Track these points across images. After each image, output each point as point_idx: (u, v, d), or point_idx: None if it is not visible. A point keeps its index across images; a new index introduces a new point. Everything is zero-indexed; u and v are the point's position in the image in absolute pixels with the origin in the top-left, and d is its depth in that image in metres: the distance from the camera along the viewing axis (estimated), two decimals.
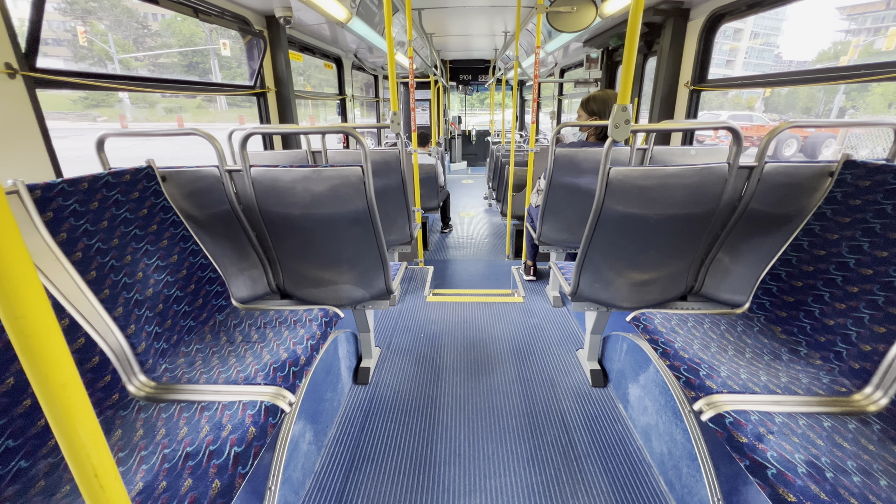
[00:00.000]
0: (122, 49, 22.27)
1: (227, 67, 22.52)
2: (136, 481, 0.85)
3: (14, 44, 1.23)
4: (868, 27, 52.36)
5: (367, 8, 3.25)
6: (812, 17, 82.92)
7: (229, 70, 22.83)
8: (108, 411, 1.05)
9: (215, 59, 20.33)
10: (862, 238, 1.17)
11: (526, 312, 2.63)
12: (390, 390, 1.91)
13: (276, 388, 1.11)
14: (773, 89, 2.50)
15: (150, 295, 1.26)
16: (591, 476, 1.45)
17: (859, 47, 42.39)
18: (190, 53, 23.03)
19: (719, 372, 1.13)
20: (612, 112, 1.23)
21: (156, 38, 26.02)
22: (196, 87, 2.26)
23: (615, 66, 4.04)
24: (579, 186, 2.15)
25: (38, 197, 1.03)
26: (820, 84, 1.84)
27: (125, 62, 21.07)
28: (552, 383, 1.93)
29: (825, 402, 1.06)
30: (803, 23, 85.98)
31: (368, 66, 5.28)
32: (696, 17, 2.42)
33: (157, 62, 22.49)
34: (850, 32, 51.10)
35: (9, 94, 1.23)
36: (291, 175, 1.41)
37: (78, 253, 1.09)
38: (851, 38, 48.78)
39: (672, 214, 1.41)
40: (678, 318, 1.43)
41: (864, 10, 50.13)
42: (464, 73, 9.16)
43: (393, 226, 2.51)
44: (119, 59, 20.08)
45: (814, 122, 1.33)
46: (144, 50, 23.86)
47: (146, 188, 1.33)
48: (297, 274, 1.72)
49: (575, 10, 2.79)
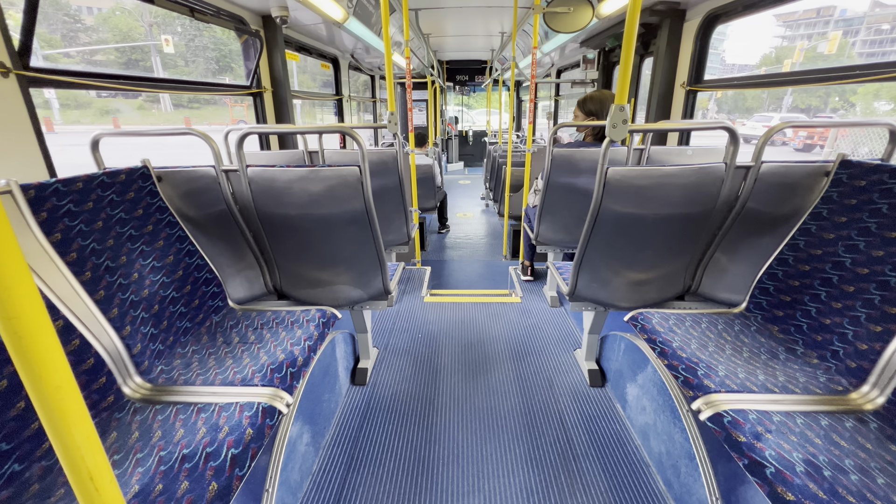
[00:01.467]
0: (49, 44, 20.96)
1: (171, 66, 21.33)
2: (132, 484, 0.84)
3: (7, 43, 1.21)
4: (801, 33, 63.03)
5: (363, 8, 3.25)
6: (752, 23, 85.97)
7: (175, 69, 21.62)
8: (103, 413, 1.04)
9: (157, 55, 19.19)
10: (858, 237, 1.18)
11: (523, 313, 2.63)
12: (388, 391, 1.90)
13: (274, 390, 1.10)
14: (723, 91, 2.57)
15: (145, 296, 1.24)
16: (590, 476, 1.45)
17: (804, 50, 46.03)
18: (128, 50, 21.86)
19: (717, 371, 1.13)
20: (610, 112, 1.23)
21: (91, 32, 24.93)
22: (192, 87, 2.24)
23: (612, 66, 4.06)
24: (576, 186, 2.16)
25: (32, 197, 1.02)
26: (815, 84, 1.85)
27: (52, 58, 19.78)
28: (550, 383, 1.93)
29: (822, 400, 1.06)
30: (745, 29, 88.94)
31: (365, 67, 5.27)
32: (692, 18, 2.43)
33: (92, 59, 21.41)
34: (786, 38, 59.41)
35: (2, 94, 1.21)
36: (288, 175, 1.40)
37: (72, 253, 1.08)
38: (787, 43, 55.42)
39: (669, 214, 1.42)
40: (676, 318, 1.43)
41: (799, 18, 59.81)
42: (461, 73, 9.18)
43: (390, 226, 2.50)
44: (44, 55, 18.69)
45: (812, 122, 1.34)
46: (78, 45, 22.60)
47: (141, 188, 1.32)
48: (294, 274, 1.71)
49: (571, 10, 2.80)
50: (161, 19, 22.57)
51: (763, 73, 2.21)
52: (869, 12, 62.19)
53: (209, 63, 24.97)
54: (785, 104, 21.42)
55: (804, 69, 1.94)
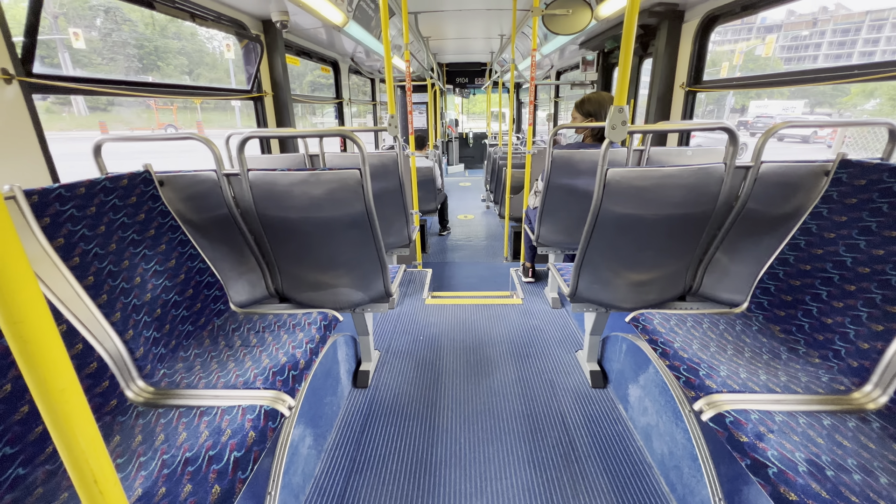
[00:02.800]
0: None
1: (85, 64, 19.07)
2: (136, 488, 0.84)
3: (10, 50, 1.22)
4: (730, 38, 69.38)
5: (363, 12, 3.26)
6: None
7: (91, 67, 19.19)
8: (106, 417, 1.04)
9: (66, 51, 17.00)
10: (858, 237, 1.18)
11: (525, 314, 2.63)
12: (390, 393, 1.90)
13: (276, 393, 1.11)
14: None
15: (148, 300, 1.25)
16: (592, 477, 1.45)
17: (743, 52, 52.61)
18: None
19: (719, 371, 1.13)
20: (609, 113, 1.23)
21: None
22: (194, 92, 2.25)
23: (611, 67, 4.06)
24: (577, 188, 2.16)
25: (35, 202, 1.02)
26: (813, 84, 1.86)
27: None
28: (552, 385, 1.93)
29: (825, 400, 1.06)
30: None
31: (365, 70, 5.29)
32: (691, 19, 2.44)
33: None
34: (714, 42, 67.71)
35: (5, 100, 1.22)
36: (289, 178, 1.41)
37: (75, 258, 1.08)
38: (718, 48, 59.50)
39: (670, 215, 1.42)
40: (677, 318, 1.43)
41: (725, 24, 70.14)
42: (460, 76, 9.20)
43: (391, 228, 2.51)
44: None
45: (810, 122, 1.34)
46: None
47: (144, 193, 1.33)
48: (295, 277, 1.72)
49: (570, 12, 2.81)
50: (70, 10, 19.40)
51: (762, 74, 2.21)
52: (786, 20, 68.81)
53: (130, 61, 22.67)
54: (728, 103, 21.92)
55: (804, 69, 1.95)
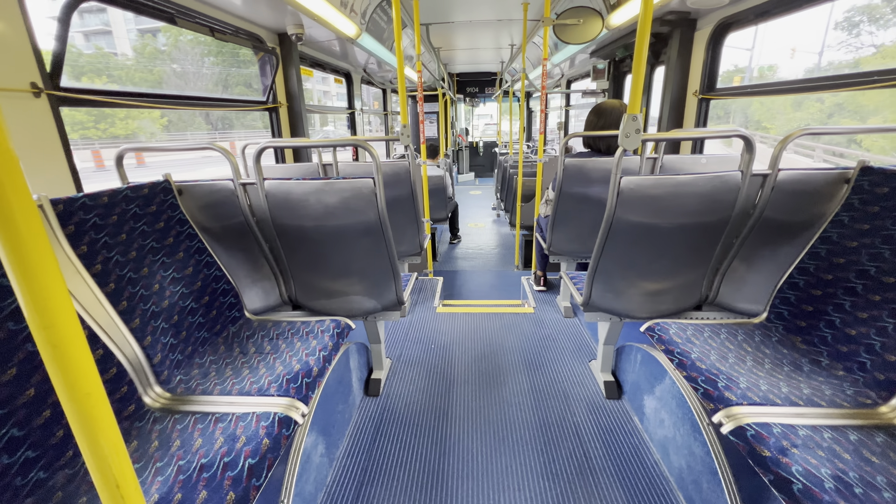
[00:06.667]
0: None
1: None
2: (152, 493, 0.85)
3: (40, 64, 1.27)
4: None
5: (376, 24, 3.33)
6: None
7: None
8: (124, 422, 1.06)
9: None
10: (882, 245, 1.14)
11: (537, 323, 2.60)
12: (401, 402, 1.89)
13: (290, 400, 1.11)
14: None
15: (165, 307, 1.27)
16: (607, 491, 1.42)
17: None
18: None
19: (738, 383, 1.10)
20: (623, 121, 1.23)
21: None
22: (214, 104, 2.31)
23: (622, 76, 4.06)
24: (589, 196, 2.15)
25: (61, 211, 1.05)
26: (826, 91, 1.83)
27: None
28: (565, 395, 1.90)
29: (850, 414, 1.02)
30: None
31: (377, 81, 5.37)
32: (703, 27, 2.43)
33: None
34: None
35: (34, 113, 1.27)
36: (304, 187, 1.43)
37: (97, 265, 1.11)
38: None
39: (685, 223, 1.40)
40: (693, 329, 1.41)
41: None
42: (471, 85, 9.28)
43: (403, 237, 2.52)
44: None
45: (829, 130, 1.32)
46: None
47: (163, 202, 1.36)
48: (309, 285, 1.73)
49: (581, 22, 2.83)
50: None
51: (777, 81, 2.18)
52: None
53: None
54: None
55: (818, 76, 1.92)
